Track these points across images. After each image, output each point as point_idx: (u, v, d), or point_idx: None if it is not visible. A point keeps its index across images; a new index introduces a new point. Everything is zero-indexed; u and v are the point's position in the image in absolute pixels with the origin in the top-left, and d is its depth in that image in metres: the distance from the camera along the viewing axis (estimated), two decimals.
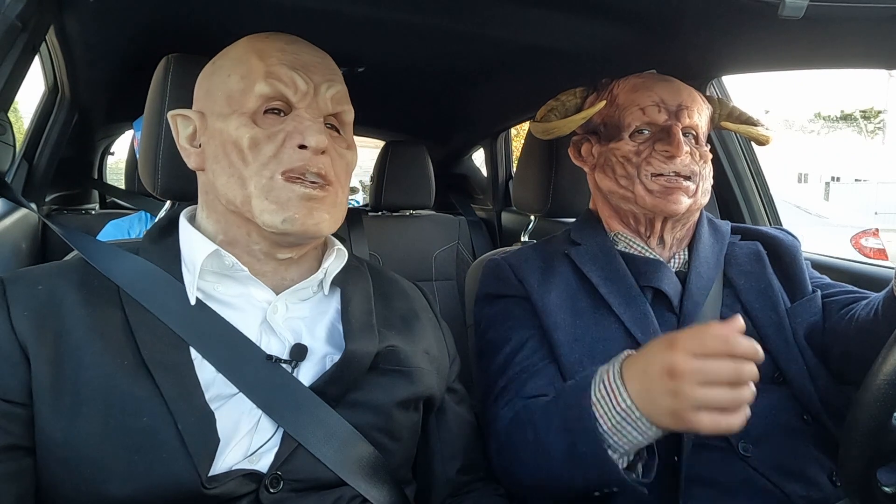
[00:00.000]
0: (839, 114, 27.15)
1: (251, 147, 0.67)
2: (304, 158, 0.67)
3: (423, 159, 2.02)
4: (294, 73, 0.69)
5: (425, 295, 0.91)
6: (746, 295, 0.94)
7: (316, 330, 0.73)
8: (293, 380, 0.67)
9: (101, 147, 2.69)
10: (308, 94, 0.70)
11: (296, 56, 0.71)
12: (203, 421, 0.61)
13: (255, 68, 0.69)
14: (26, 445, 0.60)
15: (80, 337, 0.62)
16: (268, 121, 0.69)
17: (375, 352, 0.72)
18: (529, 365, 0.89)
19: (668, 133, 0.91)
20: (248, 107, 0.68)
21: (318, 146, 0.67)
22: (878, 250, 5.47)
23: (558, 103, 1.05)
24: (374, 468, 0.69)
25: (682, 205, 0.90)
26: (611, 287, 0.91)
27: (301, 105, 0.69)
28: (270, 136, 0.67)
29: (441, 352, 0.84)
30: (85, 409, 0.59)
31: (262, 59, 0.69)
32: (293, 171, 0.67)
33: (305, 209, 0.67)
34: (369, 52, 1.27)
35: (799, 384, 0.87)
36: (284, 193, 0.66)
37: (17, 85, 0.93)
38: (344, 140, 0.75)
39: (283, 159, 0.67)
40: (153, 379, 0.61)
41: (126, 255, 0.71)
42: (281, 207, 0.66)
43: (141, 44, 1.21)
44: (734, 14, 0.87)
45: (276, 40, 0.72)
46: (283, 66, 0.69)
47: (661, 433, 0.66)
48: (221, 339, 0.67)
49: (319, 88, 0.71)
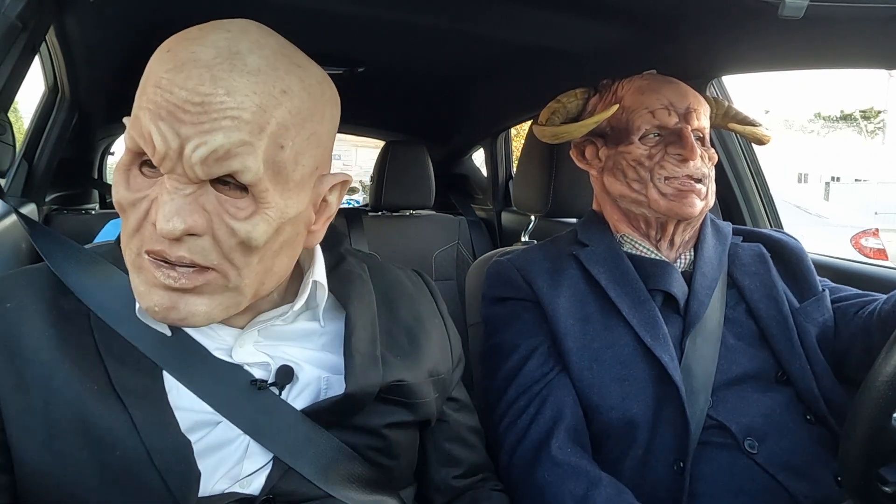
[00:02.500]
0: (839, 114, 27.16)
1: (121, 212, 0.54)
2: (156, 239, 0.52)
3: (423, 159, 2.02)
4: (152, 126, 0.50)
5: (430, 289, 0.85)
6: (751, 295, 0.94)
7: (303, 351, 0.68)
8: (282, 403, 0.63)
9: (101, 147, 2.69)
10: (168, 156, 0.50)
11: (168, 95, 0.50)
12: (179, 453, 0.58)
13: (142, 95, 0.52)
14: (3, 463, 0.57)
15: (47, 359, 0.58)
16: (139, 180, 0.54)
17: (379, 386, 0.67)
18: (540, 376, 0.89)
19: (679, 136, 0.90)
20: (123, 158, 0.55)
21: (169, 233, 0.50)
22: (878, 250, 5.47)
23: (559, 105, 1.04)
24: (369, 483, 0.66)
25: (697, 207, 0.90)
26: (619, 290, 0.91)
27: (163, 169, 0.51)
28: (135, 203, 0.53)
29: (446, 364, 0.79)
30: (58, 441, 0.56)
31: (140, 92, 0.53)
32: (156, 254, 0.53)
33: (168, 300, 0.53)
34: (369, 52, 1.27)
35: (803, 384, 0.87)
36: (150, 275, 0.53)
37: (17, 85, 0.93)
38: (249, 204, 0.54)
39: (144, 236, 0.53)
40: (125, 407, 0.57)
41: (102, 268, 0.65)
42: (147, 292, 0.54)
43: (141, 44, 1.21)
44: (734, 14, 0.87)
45: (171, 57, 0.52)
46: (146, 112, 0.51)
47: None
48: (199, 365, 0.62)
49: (185, 147, 0.50)
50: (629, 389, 0.85)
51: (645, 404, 0.85)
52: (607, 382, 0.86)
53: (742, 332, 0.91)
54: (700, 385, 0.85)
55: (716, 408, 0.85)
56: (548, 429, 0.84)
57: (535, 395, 0.88)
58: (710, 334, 0.89)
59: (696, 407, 0.83)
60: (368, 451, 0.67)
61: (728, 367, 0.88)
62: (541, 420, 0.86)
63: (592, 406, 0.86)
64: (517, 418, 0.88)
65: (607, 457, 0.86)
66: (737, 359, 0.89)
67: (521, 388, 0.89)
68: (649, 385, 0.86)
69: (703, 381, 0.85)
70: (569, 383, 0.88)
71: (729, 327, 0.91)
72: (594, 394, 0.86)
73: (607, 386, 0.86)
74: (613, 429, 0.85)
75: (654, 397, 0.85)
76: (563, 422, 0.85)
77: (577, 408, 0.87)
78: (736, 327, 0.92)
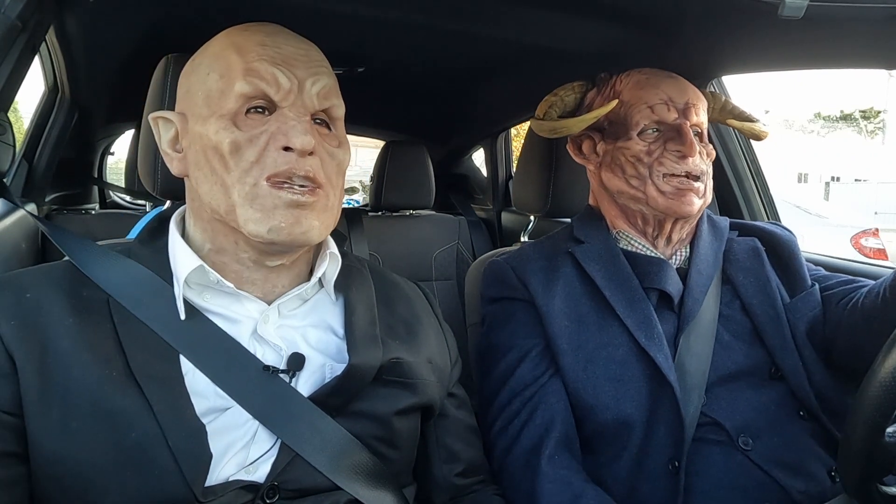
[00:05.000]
0: (839, 114, 27.15)
1: (232, 152, 0.63)
2: (289, 161, 0.63)
3: (423, 159, 2.02)
4: (275, 69, 0.64)
5: (427, 296, 0.89)
6: (745, 291, 0.94)
7: (311, 338, 0.71)
8: (291, 390, 0.65)
9: (101, 147, 2.68)
10: (292, 91, 0.65)
11: (277, 50, 0.66)
12: (194, 436, 0.60)
13: (233, 65, 0.65)
14: (20, 452, 0.59)
15: (68, 348, 0.60)
16: (249, 122, 0.64)
17: (379, 364, 0.70)
18: (532, 380, 0.89)
19: (678, 132, 0.90)
20: (228, 108, 0.64)
21: (303, 147, 0.62)
22: (878, 250, 5.47)
23: (556, 98, 1.03)
24: (373, 475, 0.68)
25: (695, 206, 0.90)
26: (615, 289, 0.91)
27: (285, 104, 0.65)
28: (252, 139, 0.63)
29: (443, 358, 0.82)
30: (74, 423, 0.58)
31: (241, 54, 0.65)
32: (278, 176, 0.63)
33: (292, 217, 0.63)
34: (369, 52, 1.28)
35: (796, 380, 0.87)
36: (270, 200, 0.63)
37: (17, 85, 0.93)
38: (335, 137, 0.70)
39: (266, 163, 0.63)
40: (142, 391, 0.59)
41: (117, 260, 0.68)
42: (266, 216, 0.62)
43: (141, 44, 1.21)
44: (734, 14, 0.87)
45: (256, 33, 0.67)
46: (263, 62, 0.64)
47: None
48: (216, 350, 0.64)
49: (304, 84, 0.66)
50: (624, 389, 0.85)
51: (640, 404, 0.85)
52: (602, 382, 0.86)
53: (736, 329, 0.91)
54: (694, 382, 0.85)
55: (710, 405, 0.85)
56: (538, 436, 0.85)
57: (527, 400, 0.88)
58: (705, 331, 0.89)
59: (690, 405, 0.83)
60: (372, 440, 0.69)
61: (722, 363, 0.88)
62: (532, 426, 0.86)
63: (587, 406, 0.86)
64: (509, 423, 0.88)
65: (602, 457, 0.86)
66: (731, 356, 0.89)
67: (514, 392, 0.89)
68: (644, 385, 0.85)
69: (696, 378, 0.85)
70: (561, 388, 0.88)
71: (723, 324, 0.91)
72: (588, 394, 0.86)
73: (602, 386, 0.86)
74: (608, 429, 0.85)
75: (648, 397, 0.85)
76: (555, 430, 0.85)
77: (569, 414, 0.87)
78: (730, 324, 0.92)
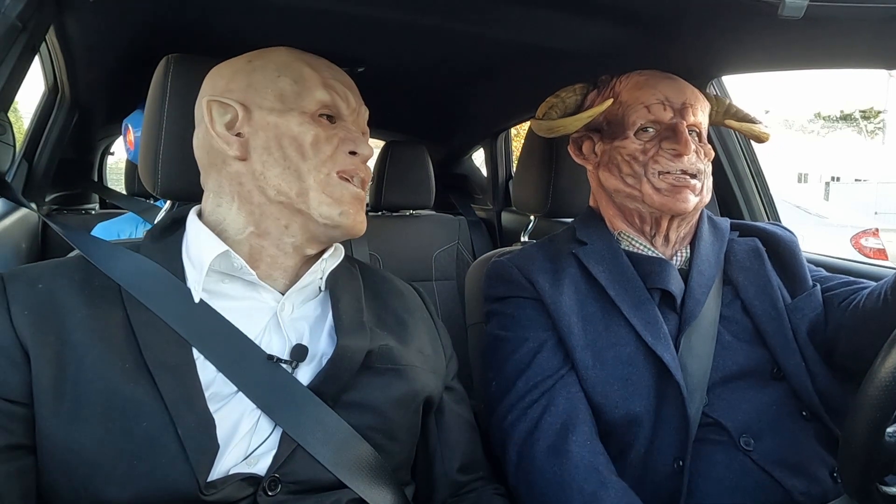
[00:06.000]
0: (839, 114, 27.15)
1: (313, 144, 0.73)
2: (354, 164, 0.75)
3: (423, 159, 2.02)
4: (347, 90, 0.78)
5: (420, 294, 0.92)
6: (746, 292, 0.94)
7: (316, 331, 0.75)
8: (293, 380, 0.68)
9: (101, 147, 2.69)
10: (354, 110, 0.79)
11: (342, 78, 0.80)
12: (203, 427, 0.61)
13: (309, 76, 0.76)
14: (28, 444, 0.60)
15: (81, 339, 0.62)
16: (323, 125, 0.75)
17: (367, 348, 0.73)
18: (552, 371, 0.89)
19: (674, 131, 0.90)
20: (308, 108, 0.74)
21: (366, 155, 0.77)
22: (878, 250, 5.47)
23: (558, 100, 1.04)
24: (374, 469, 0.69)
25: (690, 203, 0.90)
26: (619, 289, 0.91)
27: (349, 119, 0.78)
28: (328, 139, 0.74)
29: (436, 350, 0.84)
30: (85, 412, 0.59)
31: (316, 70, 0.77)
32: (345, 173, 0.75)
33: (356, 207, 0.75)
34: (369, 52, 1.27)
35: (797, 381, 0.87)
36: (339, 190, 0.73)
37: (17, 85, 0.92)
38: None
39: (337, 161, 0.74)
40: (154, 381, 0.61)
41: (127, 254, 0.70)
42: (337, 202, 0.73)
43: (141, 44, 1.21)
44: (734, 14, 0.87)
45: (318, 58, 0.81)
46: (336, 82, 0.78)
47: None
48: (223, 339, 0.67)
49: (360, 109, 0.81)
50: (632, 389, 0.85)
51: (647, 403, 0.85)
52: (610, 381, 0.86)
53: (737, 330, 0.91)
54: (695, 383, 0.85)
55: (711, 405, 0.85)
56: (562, 423, 0.84)
57: (546, 389, 0.87)
58: (706, 332, 0.89)
59: (692, 405, 0.83)
60: (369, 430, 0.70)
61: (723, 364, 0.88)
62: (554, 413, 0.85)
63: (596, 405, 0.86)
64: (526, 411, 0.87)
65: (609, 455, 0.86)
66: (732, 356, 0.89)
67: (532, 382, 0.88)
68: (651, 384, 0.86)
69: (698, 378, 0.85)
70: (576, 380, 0.88)
71: (724, 324, 0.91)
72: (597, 392, 0.86)
73: (610, 385, 0.86)
74: (616, 427, 0.86)
75: (655, 396, 0.85)
76: (579, 417, 0.85)
77: (588, 404, 0.87)
78: (731, 324, 0.92)
